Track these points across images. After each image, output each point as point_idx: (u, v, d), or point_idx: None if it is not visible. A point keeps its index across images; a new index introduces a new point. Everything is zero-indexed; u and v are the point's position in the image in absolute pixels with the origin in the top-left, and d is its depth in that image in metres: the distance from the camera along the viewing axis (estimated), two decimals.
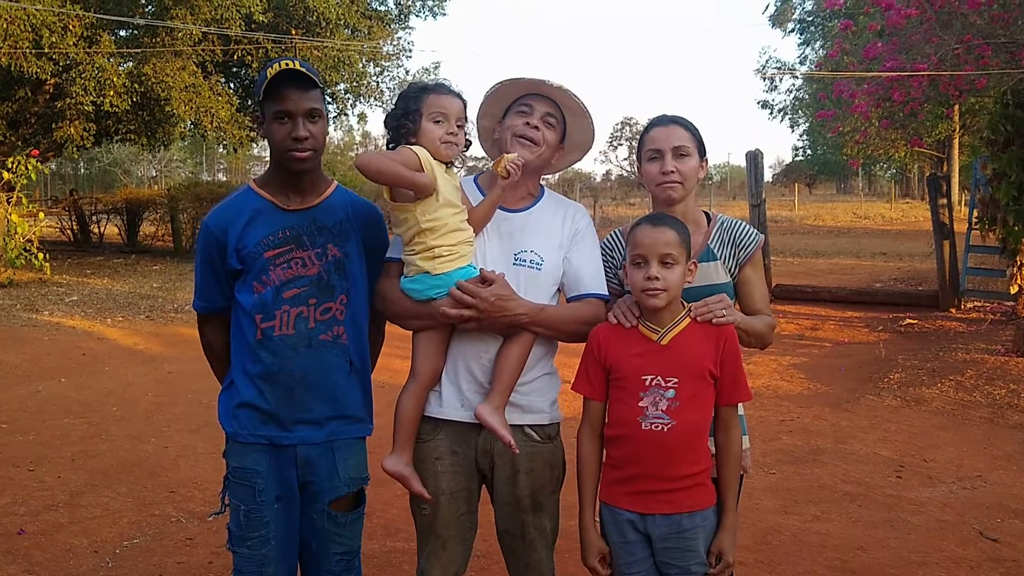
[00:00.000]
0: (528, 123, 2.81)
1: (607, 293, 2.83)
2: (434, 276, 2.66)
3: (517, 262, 2.77)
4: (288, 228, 2.75)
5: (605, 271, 2.89)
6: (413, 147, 2.68)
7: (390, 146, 2.77)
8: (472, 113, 2.86)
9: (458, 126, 2.73)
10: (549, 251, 2.81)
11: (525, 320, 2.67)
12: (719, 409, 2.64)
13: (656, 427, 2.53)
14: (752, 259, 2.90)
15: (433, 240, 2.65)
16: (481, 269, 2.68)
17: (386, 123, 2.79)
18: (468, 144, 2.83)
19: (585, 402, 2.71)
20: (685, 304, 2.64)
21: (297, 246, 2.74)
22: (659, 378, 2.55)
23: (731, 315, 2.64)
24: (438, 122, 2.69)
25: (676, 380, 2.55)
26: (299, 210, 2.77)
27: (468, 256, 2.71)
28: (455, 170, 2.81)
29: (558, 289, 2.85)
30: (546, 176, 3.13)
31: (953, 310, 12.31)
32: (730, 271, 2.88)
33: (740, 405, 2.70)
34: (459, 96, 2.76)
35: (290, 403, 2.72)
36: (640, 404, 2.55)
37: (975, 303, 12.78)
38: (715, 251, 2.87)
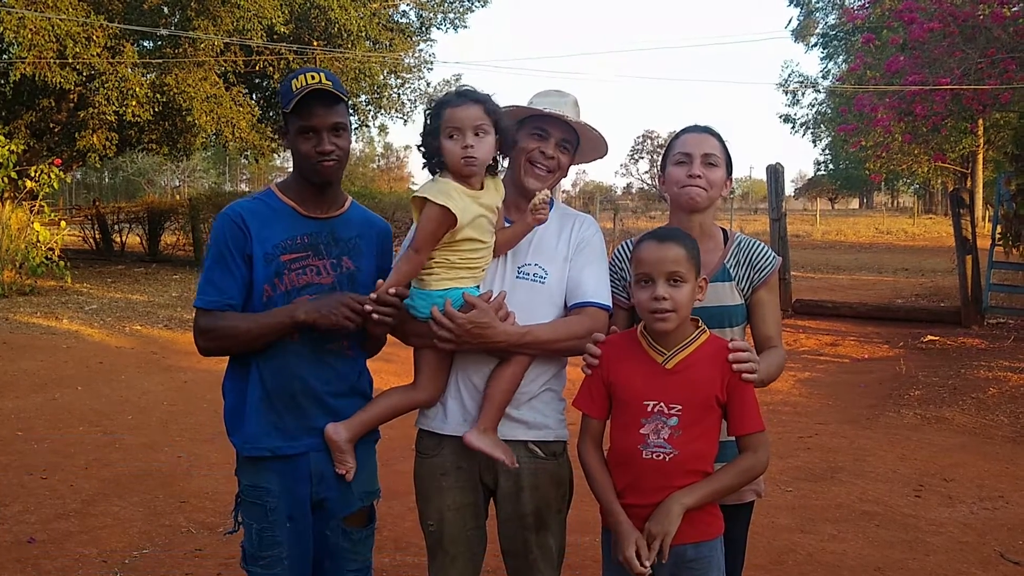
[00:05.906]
0: (543, 151, 2.75)
1: (609, 303, 2.76)
2: (423, 292, 2.61)
3: (520, 275, 2.73)
4: (307, 235, 2.73)
5: (614, 284, 2.82)
6: (435, 195, 2.55)
7: (426, 168, 2.68)
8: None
9: (476, 134, 2.55)
10: (553, 264, 2.75)
11: (504, 347, 2.61)
12: (738, 439, 2.50)
13: (658, 456, 2.43)
14: (767, 282, 2.82)
15: (437, 258, 2.61)
16: (464, 294, 2.58)
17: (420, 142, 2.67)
18: (501, 144, 2.66)
19: (584, 417, 2.62)
20: (696, 323, 2.53)
21: (314, 254, 2.73)
22: (662, 404, 2.44)
23: (759, 374, 2.49)
24: (452, 138, 2.55)
25: (680, 407, 2.43)
26: (319, 218, 2.76)
27: (470, 280, 2.62)
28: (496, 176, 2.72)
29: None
30: (566, 188, 3.06)
31: (975, 327, 12.14)
32: (743, 292, 2.81)
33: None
34: (474, 99, 2.58)
35: (295, 412, 2.70)
36: (641, 431, 2.45)
37: (998, 320, 12.62)
38: (730, 271, 2.80)
